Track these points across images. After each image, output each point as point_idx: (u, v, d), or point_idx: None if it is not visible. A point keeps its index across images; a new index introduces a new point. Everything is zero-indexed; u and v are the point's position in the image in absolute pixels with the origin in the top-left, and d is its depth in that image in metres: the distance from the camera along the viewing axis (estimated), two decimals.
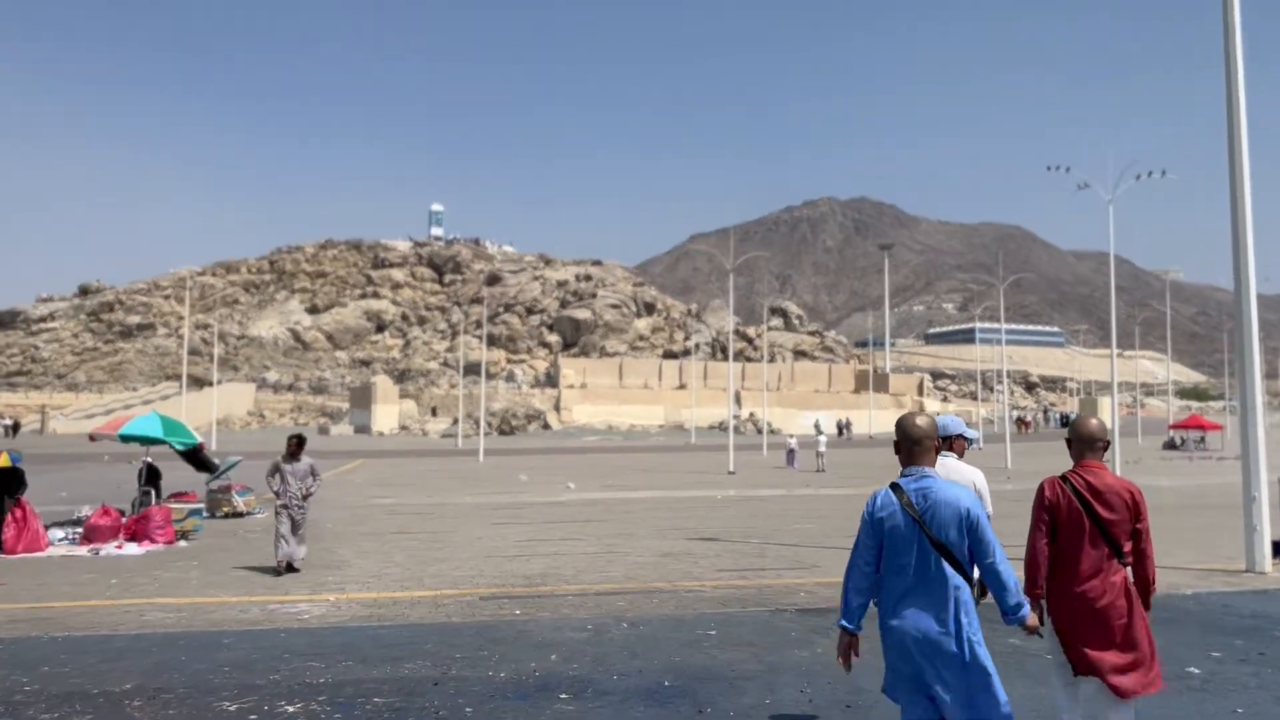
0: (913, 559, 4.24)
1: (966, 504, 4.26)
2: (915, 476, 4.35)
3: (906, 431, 4.45)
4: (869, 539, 4.34)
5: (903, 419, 4.52)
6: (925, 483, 4.32)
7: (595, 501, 25.13)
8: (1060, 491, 5.06)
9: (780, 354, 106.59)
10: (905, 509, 4.26)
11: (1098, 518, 4.95)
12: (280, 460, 13.01)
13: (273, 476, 12.91)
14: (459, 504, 24.91)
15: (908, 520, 4.24)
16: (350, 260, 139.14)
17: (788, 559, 13.78)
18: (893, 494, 4.34)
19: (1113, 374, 27.44)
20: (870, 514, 4.36)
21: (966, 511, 4.24)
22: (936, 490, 4.28)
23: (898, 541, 4.27)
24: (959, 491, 4.29)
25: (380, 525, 19.46)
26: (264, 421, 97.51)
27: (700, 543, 15.72)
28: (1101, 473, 5.09)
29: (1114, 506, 4.97)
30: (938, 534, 4.21)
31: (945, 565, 4.21)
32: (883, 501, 4.34)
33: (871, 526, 4.34)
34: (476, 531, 18.08)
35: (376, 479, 34.88)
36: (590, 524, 19.36)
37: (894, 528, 4.27)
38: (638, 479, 33.99)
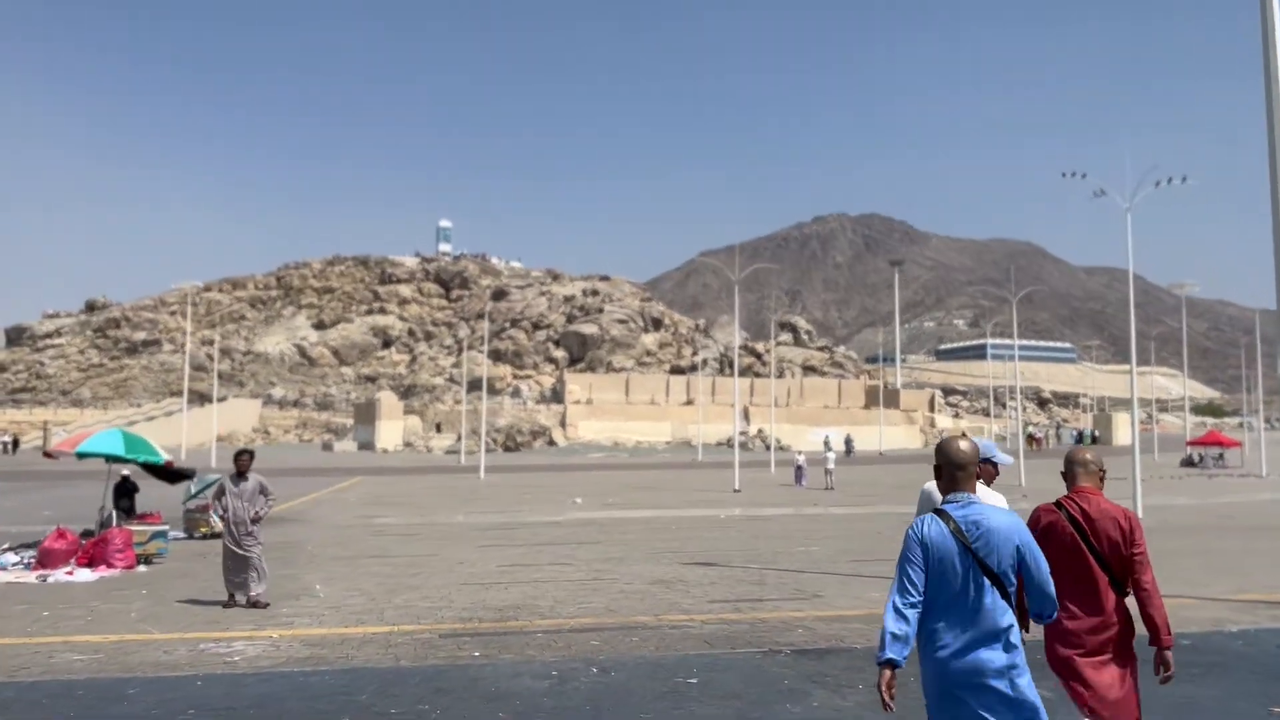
0: (961, 589, 4.07)
1: (1021, 532, 4.14)
2: (962, 503, 4.19)
3: (950, 457, 4.29)
4: (914, 568, 4.12)
5: (945, 443, 4.36)
6: (973, 509, 4.16)
7: (592, 521, 24.05)
8: (1054, 517, 4.96)
9: (789, 369, 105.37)
10: (955, 536, 4.09)
11: (1092, 545, 4.85)
12: (226, 479, 11.88)
13: (218, 499, 11.78)
14: (450, 524, 23.87)
15: (959, 548, 4.07)
16: (357, 276, 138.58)
17: (788, 587, 12.66)
18: (940, 521, 4.15)
19: (1133, 389, 26.26)
20: (917, 541, 4.15)
21: (1021, 540, 4.12)
22: (988, 518, 4.12)
23: (946, 571, 4.08)
24: (1011, 519, 4.15)
25: (360, 547, 18.42)
26: (269, 438, 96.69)
27: (695, 568, 14.61)
28: (1095, 498, 4.97)
29: (1107, 532, 4.84)
30: (990, 563, 4.06)
31: (997, 596, 4.06)
32: (930, 528, 4.14)
33: (918, 554, 4.13)
34: (460, 554, 17.03)
35: (371, 497, 33.87)
36: (582, 546, 18.28)
37: (942, 556, 4.08)
38: (640, 497, 32.93)
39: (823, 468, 37.96)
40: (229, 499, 11.64)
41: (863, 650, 8.75)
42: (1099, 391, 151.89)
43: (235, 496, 11.68)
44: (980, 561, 4.06)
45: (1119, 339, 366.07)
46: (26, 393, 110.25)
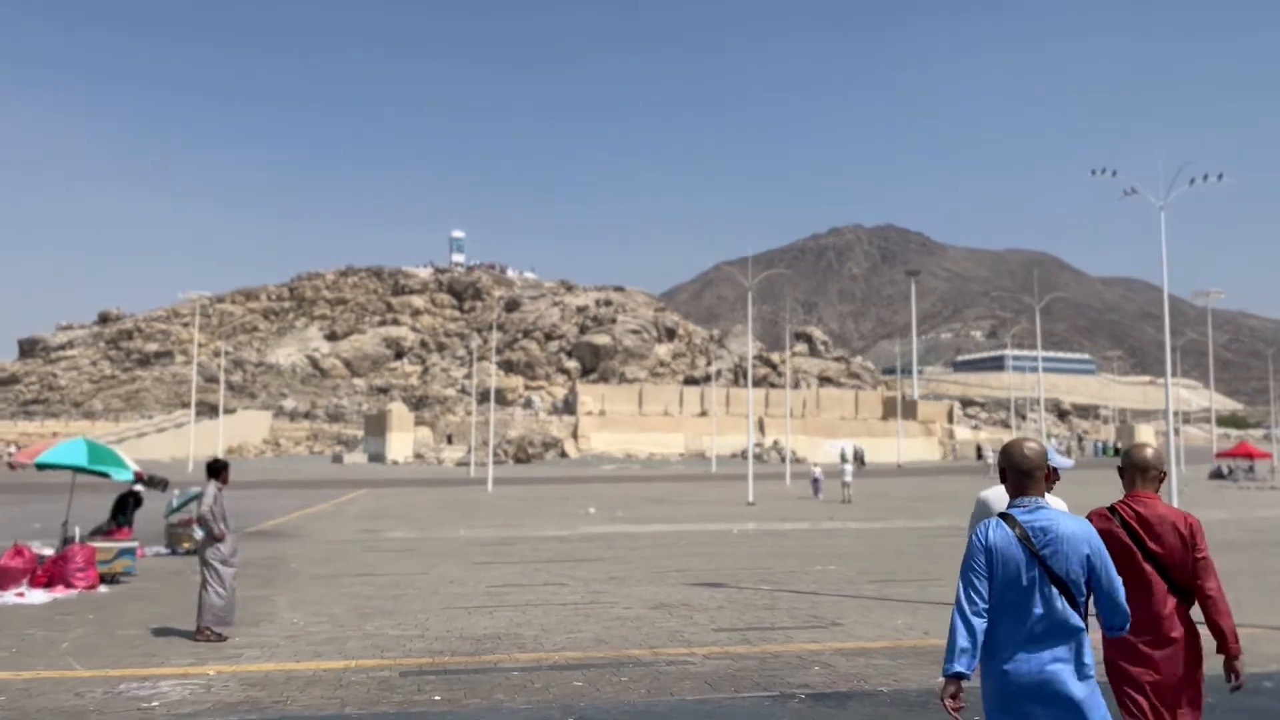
0: (1028, 597, 3.88)
1: (1091, 538, 3.96)
2: (1029, 507, 4.02)
3: (1017, 460, 4.08)
4: (979, 576, 3.95)
5: (1011, 446, 4.15)
6: (1041, 514, 3.98)
7: (597, 536, 22.87)
8: (1108, 524, 4.63)
9: (805, 380, 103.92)
10: (1021, 542, 3.92)
11: (1149, 551, 4.57)
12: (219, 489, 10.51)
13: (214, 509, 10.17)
14: (449, 538, 22.77)
15: (1025, 555, 3.90)
16: (370, 287, 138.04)
17: (804, 613, 11.41)
18: (1006, 526, 3.97)
19: (1167, 399, 24.92)
20: (980, 548, 3.97)
21: (1091, 547, 3.93)
22: (1056, 523, 3.95)
23: (1011, 578, 3.90)
24: (1081, 525, 3.99)
25: (346, 564, 17.29)
26: (279, 450, 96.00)
27: (701, 590, 13.36)
28: (1153, 503, 4.66)
29: (1165, 538, 4.56)
30: (1059, 570, 3.88)
31: (1066, 605, 3.87)
32: (995, 534, 3.97)
33: (981, 562, 3.95)
34: (452, 573, 15.87)
35: (374, 510, 32.85)
36: (583, 564, 17.09)
37: (1008, 563, 3.91)
38: (650, 510, 31.78)
39: (839, 480, 36.76)
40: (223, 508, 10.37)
41: (890, 694, 7.51)
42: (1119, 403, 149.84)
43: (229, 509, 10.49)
44: (1048, 569, 3.88)
45: (1137, 350, 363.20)
46: (39, 404, 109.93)
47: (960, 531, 23.40)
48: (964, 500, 36.35)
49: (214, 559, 10.07)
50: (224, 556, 10.12)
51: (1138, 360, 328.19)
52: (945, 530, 24.20)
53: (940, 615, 11.29)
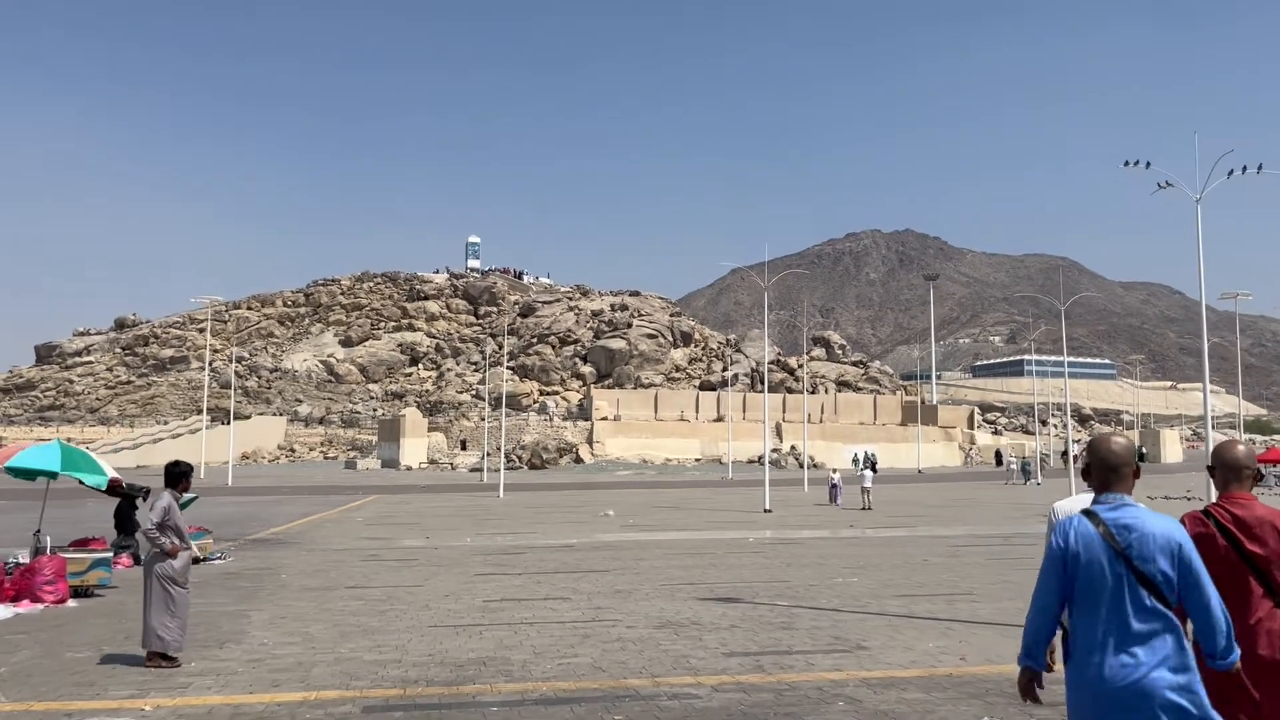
0: (1114, 598, 3.71)
1: (1178, 536, 3.75)
2: (1113, 504, 3.84)
3: (1102, 456, 3.93)
4: (1057, 573, 3.80)
5: (1097, 442, 3.99)
6: (1126, 511, 3.80)
7: (607, 545, 21.88)
8: (1204, 528, 4.30)
9: (823, 385, 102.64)
10: (1105, 540, 3.75)
11: (1247, 554, 4.22)
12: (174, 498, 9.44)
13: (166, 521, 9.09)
14: (452, 547, 21.84)
15: (1110, 554, 3.74)
16: (386, 293, 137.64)
17: (824, 633, 10.37)
18: (1088, 523, 3.80)
19: (1205, 402, 23.71)
20: (1062, 545, 3.80)
21: (1179, 545, 3.73)
22: (1142, 520, 3.76)
23: (1095, 578, 3.74)
24: (1168, 523, 3.77)
25: (339, 575, 16.37)
26: (293, 456, 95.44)
27: (713, 606, 12.34)
28: (1251, 504, 4.33)
29: (1265, 540, 4.22)
30: (1145, 569, 3.70)
31: (1157, 604, 3.67)
32: (1078, 531, 3.79)
33: (1062, 559, 3.79)
34: (449, 585, 14.92)
35: (381, 517, 32.03)
36: (589, 576, 16.10)
37: (1091, 561, 3.75)
38: (663, 518, 30.81)
39: (859, 486, 35.64)
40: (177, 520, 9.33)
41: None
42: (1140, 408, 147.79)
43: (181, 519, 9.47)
44: (1134, 568, 3.70)
45: (1158, 355, 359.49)
46: (55, 410, 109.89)
47: (988, 541, 22.33)
48: (989, 507, 35.20)
49: (162, 577, 9.04)
50: (174, 574, 9.09)
51: (1158, 365, 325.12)
52: (971, 539, 23.09)
53: (975, 635, 10.24)
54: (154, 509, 9.18)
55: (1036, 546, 21.50)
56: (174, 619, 8.84)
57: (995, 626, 10.74)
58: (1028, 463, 55.55)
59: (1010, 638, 10.09)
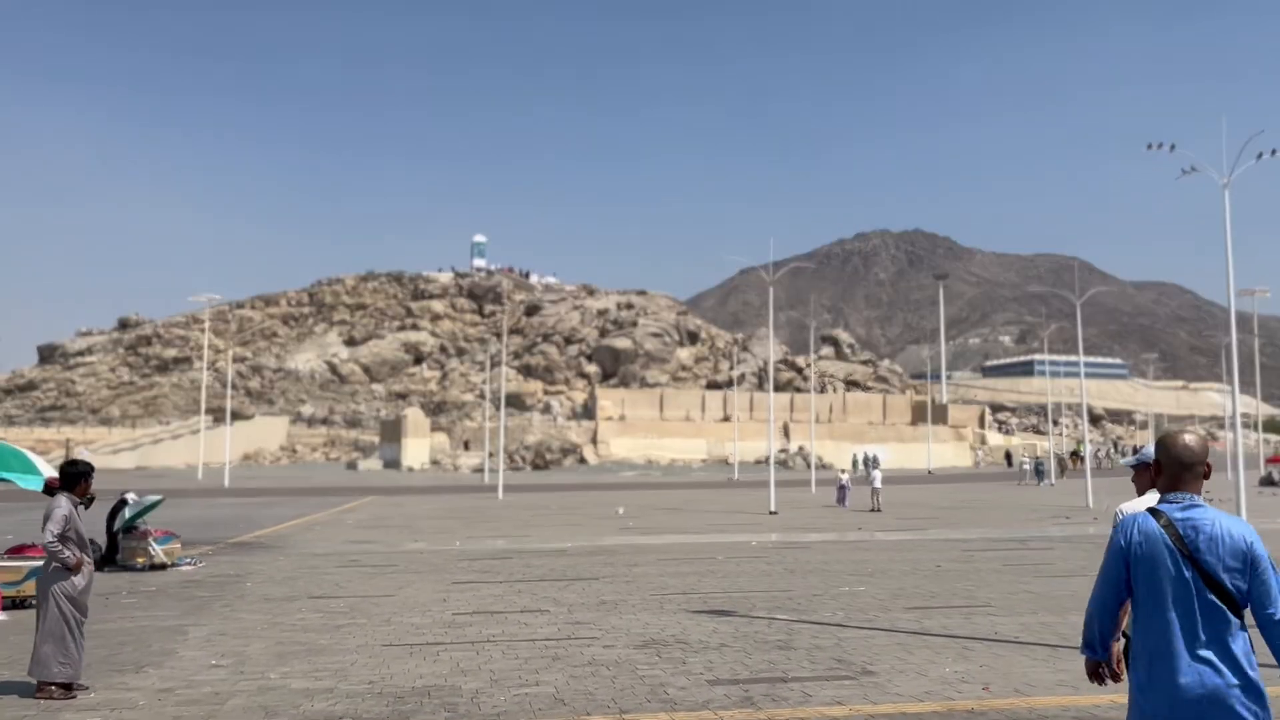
0: (1182, 603, 3.56)
1: (1250, 538, 3.59)
2: (1182, 504, 3.69)
3: (1174, 453, 3.78)
4: (1119, 574, 3.71)
5: (1167, 438, 3.86)
6: (1196, 512, 3.65)
7: (600, 550, 20.75)
8: None
9: (831, 384, 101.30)
10: (1171, 541, 3.60)
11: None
12: (74, 505, 8.09)
13: (66, 530, 7.76)
14: (439, 551, 20.77)
15: (1177, 555, 3.59)
16: (390, 292, 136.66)
17: (826, 654, 9.19)
18: (1154, 522, 3.68)
19: (1234, 401, 22.47)
20: (1124, 545, 3.71)
21: (1250, 547, 3.57)
22: (1211, 521, 3.62)
23: (1160, 580, 3.61)
24: (1239, 524, 3.61)
25: (308, 583, 15.28)
26: (295, 456, 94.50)
27: (704, 620, 11.18)
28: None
29: None
30: (1214, 572, 3.56)
31: (1226, 611, 3.53)
32: (1143, 530, 3.67)
33: (1124, 559, 3.71)
34: (422, 595, 13.80)
35: (373, 519, 30.98)
36: (576, 584, 14.96)
37: (1156, 563, 3.61)
38: (665, 520, 29.71)
39: (869, 487, 34.43)
40: (78, 528, 7.99)
41: None
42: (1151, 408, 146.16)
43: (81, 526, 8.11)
44: (1203, 571, 3.55)
45: (1169, 354, 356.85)
46: (56, 411, 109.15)
47: (1004, 545, 21.10)
48: (1002, 509, 33.96)
49: (59, 596, 7.77)
50: (73, 593, 7.80)
51: (1169, 365, 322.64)
52: (985, 543, 21.87)
53: (998, 659, 9.05)
54: (51, 518, 7.78)
55: (1055, 551, 20.31)
56: (72, 644, 7.64)
57: (1019, 646, 9.56)
58: (1041, 463, 54.24)
59: (1039, 660, 8.92)
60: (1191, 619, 3.56)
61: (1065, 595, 13.25)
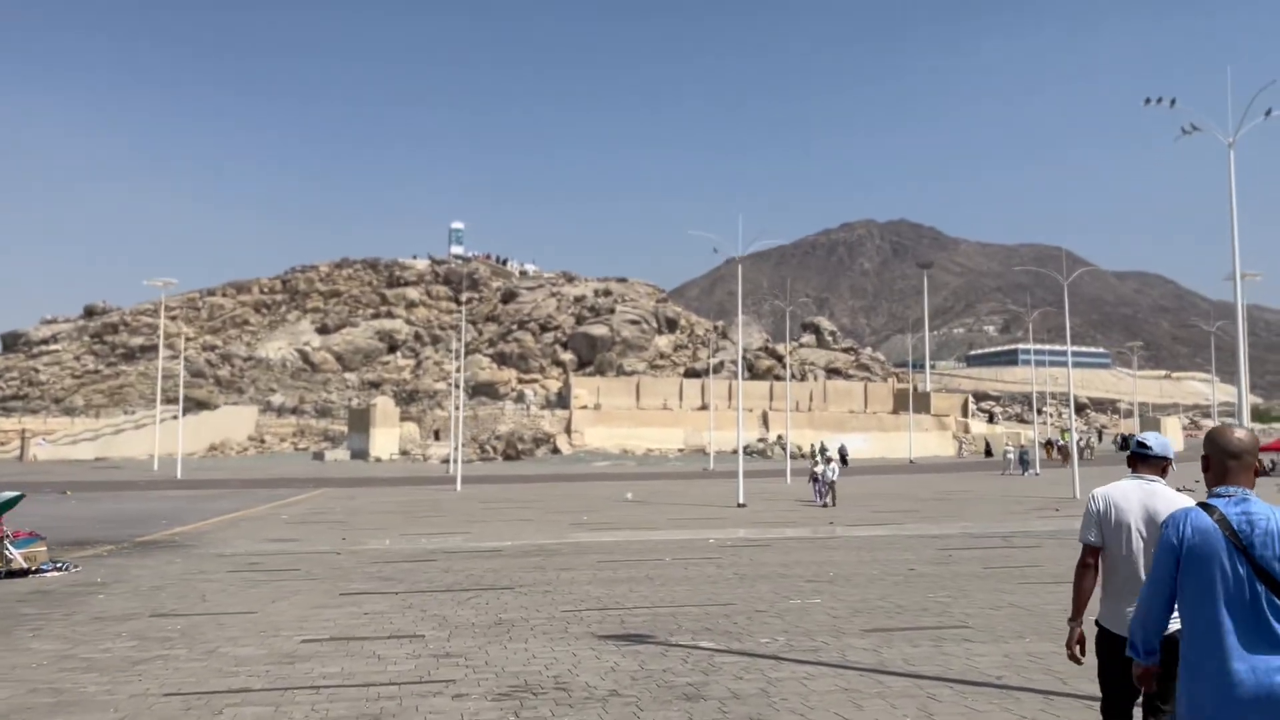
0: (1238, 599, 3.43)
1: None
2: (1235, 498, 3.60)
3: (1223, 446, 3.73)
4: (1171, 567, 3.59)
5: (1217, 431, 3.80)
6: (1249, 506, 3.57)
7: (538, 550, 18.58)
8: None
9: (812, 372, 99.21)
10: (1226, 536, 3.50)
11: None
12: None
13: None
14: (360, 552, 18.60)
15: (1231, 550, 3.47)
16: (365, 279, 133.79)
17: (743, 708, 6.96)
18: (1206, 516, 3.57)
19: (1241, 384, 20.43)
20: (1177, 540, 3.58)
21: None
22: (1267, 515, 3.52)
23: (1215, 577, 3.47)
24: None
25: (169, 595, 13.06)
26: (263, 447, 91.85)
27: (610, 648, 8.94)
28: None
29: None
30: (1269, 566, 3.43)
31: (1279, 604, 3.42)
32: (1196, 525, 3.56)
33: (1179, 555, 3.57)
34: (288, 612, 11.59)
35: (311, 514, 28.79)
36: (482, 596, 12.75)
37: (1210, 558, 3.48)
38: (625, 514, 27.59)
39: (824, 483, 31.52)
40: None
41: None
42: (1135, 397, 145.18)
43: None
44: (1259, 567, 3.44)
45: (1151, 344, 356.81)
46: (18, 400, 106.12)
47: (986, 543, 18.94)
48: (985, 501, 31.85)
49: None
50: None
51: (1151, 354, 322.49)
52: (966, 539, 19.71)
53: (972, 713, 6.83)
54: None
55: (1042, 549, 18.21)
56: None
57: (1001, 695, 7.32)
58: (1025, 452, 52.22)
59: (1022, 715, 6.71)
60: (1244, 615, 3.42)
61: (1056, 611, 11.08)
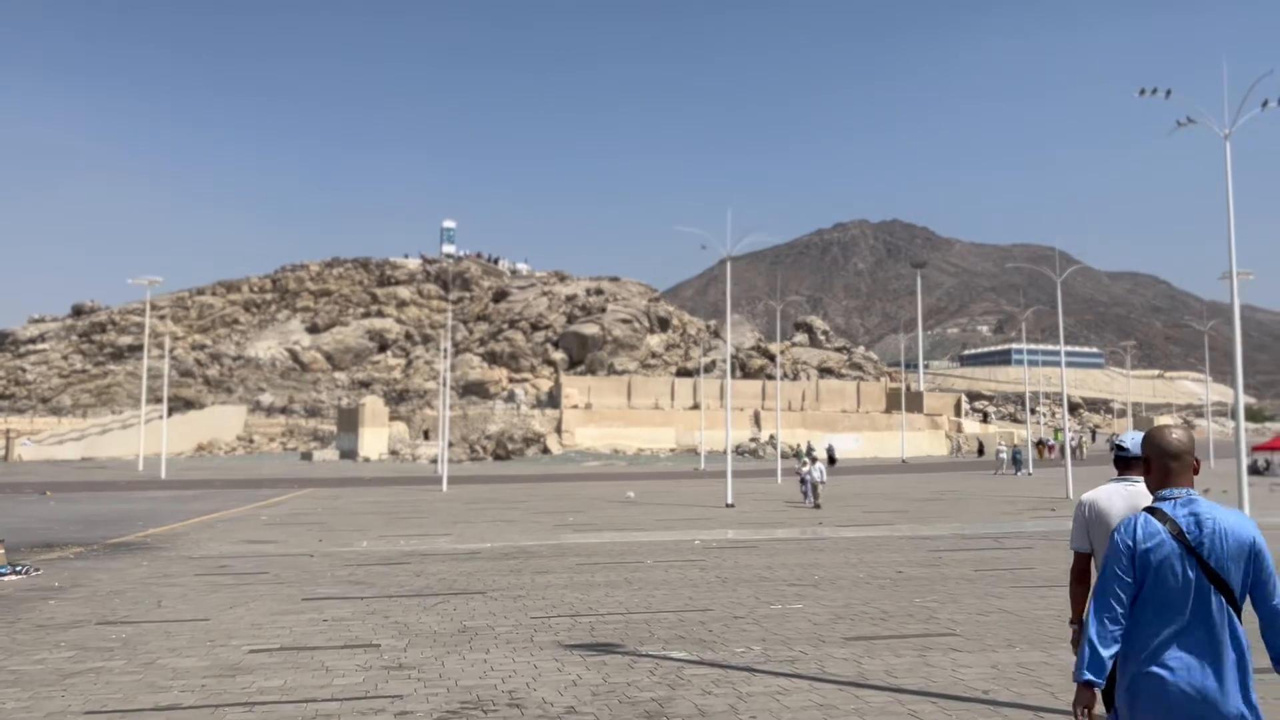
0: (1181, 601, 3.48)
1: (1251, 533, 3.55)
2: (1181, 500, 3.63)
3: (1163, 446, 3.72)
4: (1124, 576, 3.56)
5: (1155, 432, 3.78)
6: (1195, 507, 3.59)
7: (517, 553, 18.05)
8: None
9: (804, 372, 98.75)
10: (1175, 538, 3.52)
11: None
12: None
13: None
14: (334, 554, 18.10)
15: (1180, 552, 3.50)
16: (356, 278, 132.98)
17: None
18: (1155, 520, 3.59)
19: (1237, 384, 19.99)
20: (1130, 544, 3.57)
21: (1252, 542, 3.52)
22: (1213, 516, 3.55)
23: (1166, 578, 3.51)
24: (1241, 519, 3.59)
25: (125, 602, 12.54)
26: (251, 447, 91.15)
27: (575, 659, 8.42)
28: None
29: None
30: (1218, 568, 3.48)
31: (1226, 609, 3.46)
32: (1146, 529, 3.57)
33: (1131, 560, 3.56)
34: (246, 619, 11.08)
35: (290, 515, 28.21)
36: (449, 601, 12.23)
37: (1163, 561, 3.51)
38: (612, 515, 27.08)
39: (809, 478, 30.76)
40: None
41: None
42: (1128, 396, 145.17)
43: None
44: (1206, 567, 3.48)
45: (1144, 344, 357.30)
46: (4, 400, 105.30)
47: (977, 544, 18.43)
48: (978, 501, 31.37)
49: None
50: None
51: (1144, 354, 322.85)
52: (957, 540, 19.23)
53: None
54: None
55: (1034, 550, 17.74)
56: None
57: (990, 712, 6.82)
58: (1018, 451, 51.78)
59: None
60: (1194, 618, 3.44)
61: (1048, 616, 10.58)
